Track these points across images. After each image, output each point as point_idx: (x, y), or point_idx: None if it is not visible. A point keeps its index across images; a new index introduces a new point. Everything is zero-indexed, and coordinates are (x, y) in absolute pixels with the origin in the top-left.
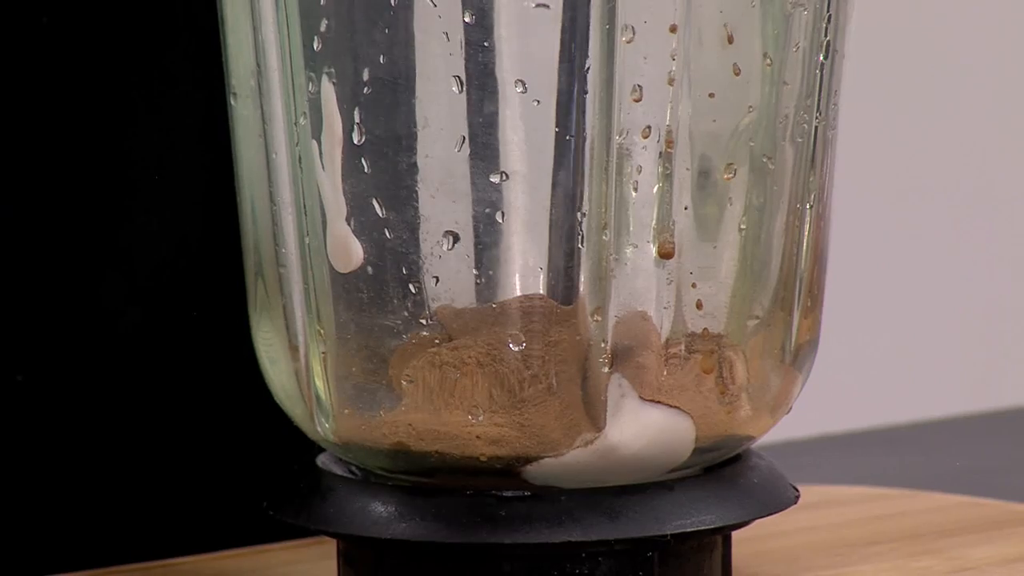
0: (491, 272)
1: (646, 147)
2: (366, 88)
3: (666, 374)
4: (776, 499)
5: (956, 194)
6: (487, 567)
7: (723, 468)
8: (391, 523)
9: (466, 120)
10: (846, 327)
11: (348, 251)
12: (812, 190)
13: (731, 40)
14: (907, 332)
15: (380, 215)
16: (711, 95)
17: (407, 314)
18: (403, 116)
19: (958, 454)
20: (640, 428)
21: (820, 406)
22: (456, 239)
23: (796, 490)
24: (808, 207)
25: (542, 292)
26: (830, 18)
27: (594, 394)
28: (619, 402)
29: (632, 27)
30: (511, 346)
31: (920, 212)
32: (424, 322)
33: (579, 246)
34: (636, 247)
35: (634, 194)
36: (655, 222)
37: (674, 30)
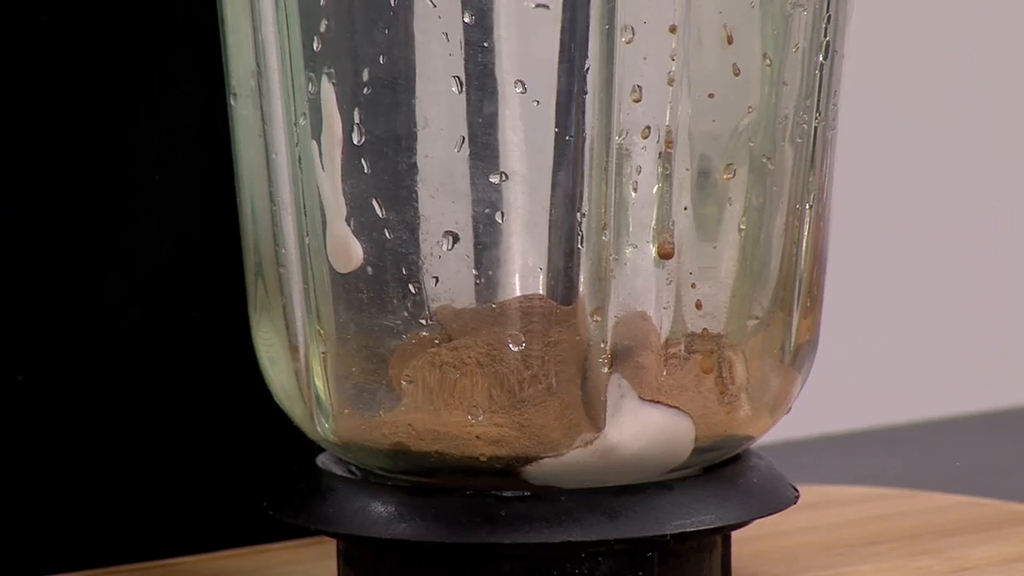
0: (491, 272)
1: (646, 147)
2: (366, 88)
3: (666, 374)
4: (776, 499)
5: (956, 194)
6: (487, 567)
7: (723, 468)
8: (391, 523)
9: (466, 120)
10: (846, 327)
11: (348, 251)
12: (812, 190)
13: (731, 40)
14: (906, 332)
15: (380, 215)
16: (711, 95)
17: (407, 314)
18: (403, 116)
19: (957, 454)
20: (640, 428)
21: (820, 406)
22: (456, 239)
23: (796, 490)
24: (808, 207)
25: (542, 292)
26: (829, 18)
27: (594, 394)
28: (619, 402)
29: (632, 27)
30: (511, 346)
31: (920, 212)
32: (424, 322)
33: (579, 246)
34: (636, 247)
35: (634, 194)
36: (655, 222)
37: (674, 30)
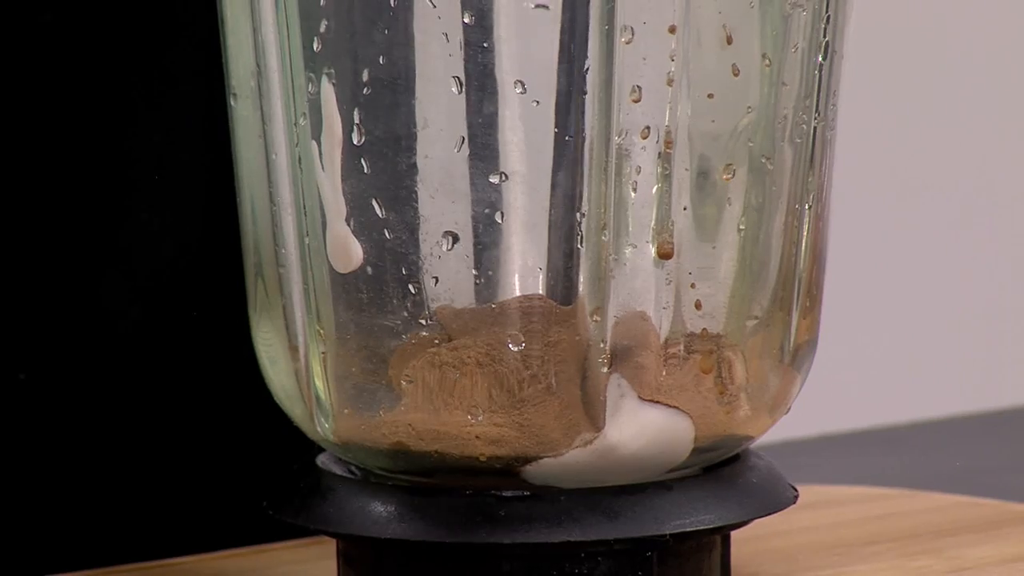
0: (490, 272)
1: (645, 147)
2: (366, 89)
3: (665, 374)
4: (775, 499)
5: (956, 194)
6: (486, 567)
7: (722, 468)
8: (391, 523)
9: (465, 121)
10: (845, 327)
11: (348, 251)
12: (811, 190)
13: (730, 41)
14: (906, 332)
15: (380, 216)
16: (710, 96)
17: (407, 314)
18: (403, 117)
19: (956, 454)
20: (639, 428)
21: (819, 406)
22: (455, 239)
23: (795, 490)
24: (807, 207)
25: (541, 292)
26: (829, 19)
27: (593, 394)
28: (618, 402)
29: (631, 28)
30: (510, 346)
31: (919, 212)
32: (424, 322)
33: (578, 246)
34: (635, 247)
35: (633, 194)
36: (654, 222)
37: (673, 31)
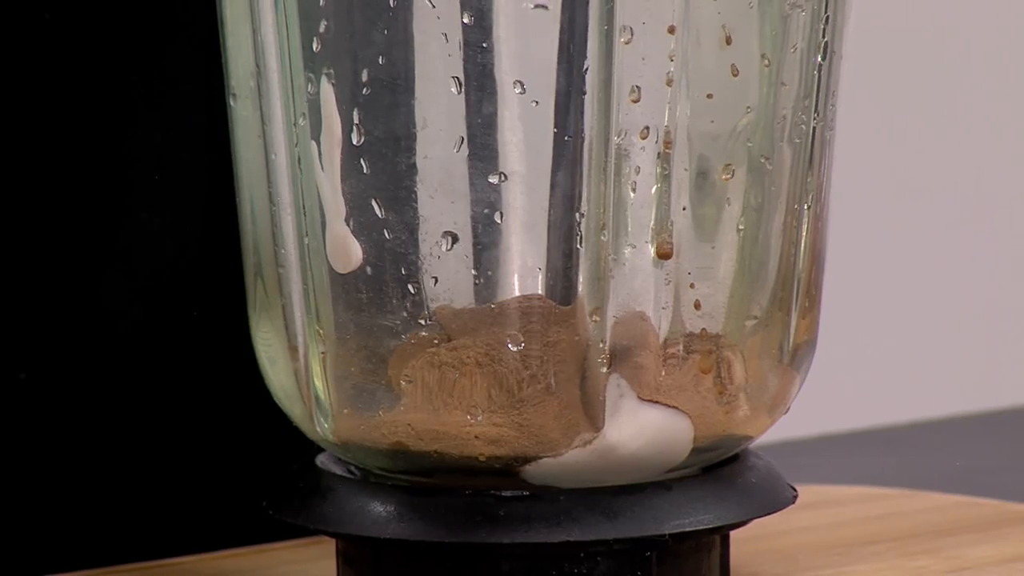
0: (490, 272)
1: (644, 148)
2: (365, 89)
3: (664, 374)
4: (774, 499)
5: (955, 194)
6: (486, 567)
7: (721, 468)
8: (390, 523)
9: (465, 121)
10: (844, 327)
11: (347, 251)
12: (810, 190)
13: (729, 41)
14: (905, 332)
15: (379, 216)
16: (709, 96)
17: (406, 314)
18: (402, 117)
19: (956, 454)
20: (638, 428)
21: (818, 406)
22: (455, 240)
23: (794, 490)
24: (806, 207)
25: (541, 292)
26: (828, 19)
27: (592, 394)
28: (617, 402)
29: (630, 28)
30: (510, 346)
31: (919, 212)
32: (423, 322)
33: (577, 246)
34: (634, 247)
35: (632, 195)
36: (653, 222)
37: (672, 31)
